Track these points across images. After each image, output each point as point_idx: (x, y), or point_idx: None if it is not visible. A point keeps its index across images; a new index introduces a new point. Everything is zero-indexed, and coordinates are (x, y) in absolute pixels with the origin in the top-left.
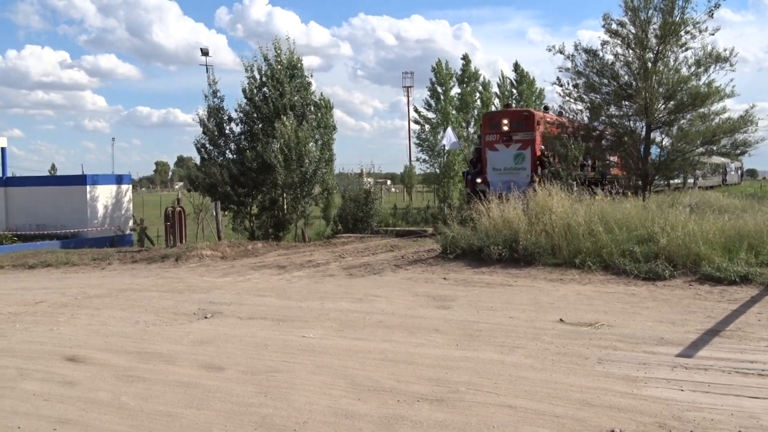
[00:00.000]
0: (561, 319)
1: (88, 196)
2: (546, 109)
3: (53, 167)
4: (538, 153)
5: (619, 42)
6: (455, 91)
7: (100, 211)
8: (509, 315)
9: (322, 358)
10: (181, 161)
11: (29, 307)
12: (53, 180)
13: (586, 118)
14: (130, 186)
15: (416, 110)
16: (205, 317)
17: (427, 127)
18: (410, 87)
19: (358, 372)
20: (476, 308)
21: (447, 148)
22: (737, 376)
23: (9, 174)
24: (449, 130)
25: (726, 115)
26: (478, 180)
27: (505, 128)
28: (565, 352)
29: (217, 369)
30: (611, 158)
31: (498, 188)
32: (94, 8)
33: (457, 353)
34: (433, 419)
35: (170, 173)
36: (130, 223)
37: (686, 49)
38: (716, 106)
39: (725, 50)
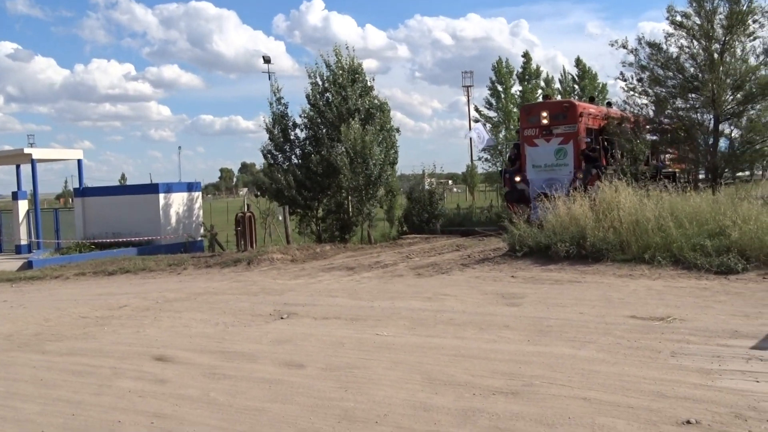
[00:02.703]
0: (632, 315)
1: (161, 204)
2: (591, 99)
3: (123, 177)
4: (582, 147)
5: (683, 34)
6: (516, 88)
7: (173, 219)
8: (579, 311)
9: (397, 355)
10: (244, 167)
11: (114, 311)
12: (127, 189)
13: (651, 112)
14: (200, 193)
15: (477, 109)
16: (281, 318)
17: (488, 125)
18: (470, 86)
19: (433, 367)
20: (546, 305)
21: (481, 147)
22: None
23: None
24: (479, 126)
25: None
26: (517, 178)
27: (545, 121)
28: (637, 346)
29: (297, 366)
30: (668, 152)
31: (538, 186)
32: (156, 21)
33: (529, 348)
34: (509, 411)
35: (235, 179)
36: (201, 229)
37: (754, 38)
38: None
39: None
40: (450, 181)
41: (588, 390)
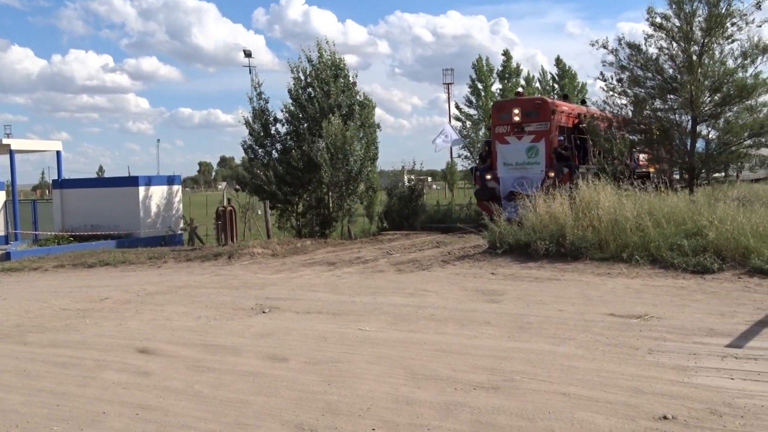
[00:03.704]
0: (611, 312)
1: (141, 196)
2: (565, 97)
3: (101, 169)
4: (555, 145)
5: (663, 35)
6: (496, 87)
7: (153, 212)
8: (558, 308)
9: (379, 350)
10: (223, 161)
11: (95, 304)
12: (106, 182)
13: (630, 113)
14: (180, 186)
15: (457, 107)
16: (263, 312)
17: (468, 123)
18: (450, 84)
19: (415, 362)
20: (526, 302)
21: (449, 145)
22: None
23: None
24: (447, 127)
25: None
26: (488, 176)
27: (516, 119)
28: (615, 343)
29: (280, 360)
30: (641, 152)
31: (509, 185)
32: (134, 12)
33: (510, 344)
34: (490, 405)
35: (213, 173)
36: (181, 222)
37: (732, 41)
38: (763, 98)
39: None
40: (430, 178)
41: (567, 385)
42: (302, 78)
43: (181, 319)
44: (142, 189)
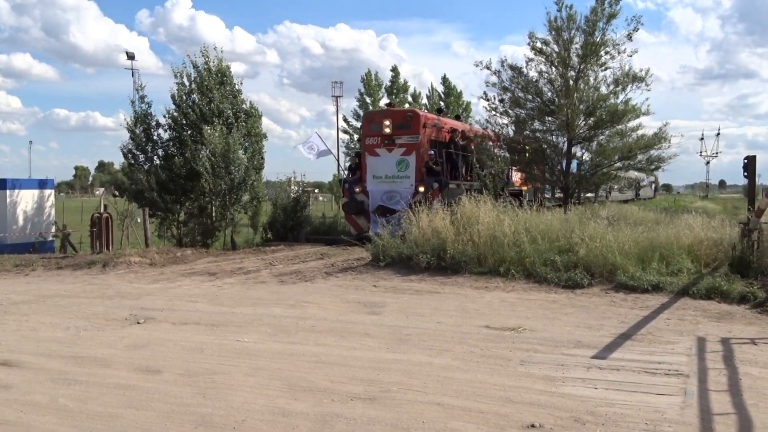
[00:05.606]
0: (487, 325)
1: (8, 200)
2: (439, 111)
3: None
4: (425, 159)
5: (543, 60)
6: (384, 101)
7: (21, 217)
8: (437, 320)
9: (257, 361)
10: (102, 166)
11: None
12: None
13: (511, 132)
14: (53, 191)
15: (345, 120)
16: (138, 323)
17: (356, 136)
18: (339, 97)
19: (293, 374)
20: (405, 314)
21: (315, 156)
22: (646, 375)
23: None
24: (315, 137)
25: (641, 132)
26: (357, 189)
27: (387, 130)
28: (489, 355)
29: (154, 372)
30: (516, 171)
31: (378, 199)
32: (7, 6)
33: (388, 356)
34: (366, 416)
35: (91, 178)
36: (53, 229)
37: (606, 69)
38: (632, 123)
39: (641, 70)
40: (316, 190)
41: (442, 396)
42: (186, 84)
43: (48, 329)
44: (9, 192)
